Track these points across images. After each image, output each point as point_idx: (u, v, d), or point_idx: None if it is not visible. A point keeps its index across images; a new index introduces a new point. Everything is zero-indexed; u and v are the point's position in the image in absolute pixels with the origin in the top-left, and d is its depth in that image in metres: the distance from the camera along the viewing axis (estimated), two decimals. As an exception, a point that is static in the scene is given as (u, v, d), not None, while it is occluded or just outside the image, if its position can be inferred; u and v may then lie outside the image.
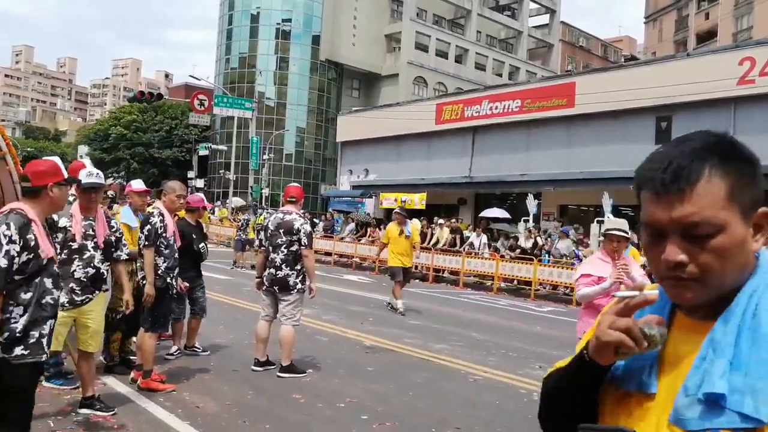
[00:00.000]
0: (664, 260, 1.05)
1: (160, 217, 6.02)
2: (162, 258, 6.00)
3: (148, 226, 5.96)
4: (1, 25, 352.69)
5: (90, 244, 5.02)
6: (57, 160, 4.18)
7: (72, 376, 5.91)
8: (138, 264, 6.22)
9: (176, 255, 6.20)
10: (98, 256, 5.07)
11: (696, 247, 1.04)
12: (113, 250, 5.23)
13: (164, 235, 6.00)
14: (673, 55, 28.55)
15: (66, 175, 4.01)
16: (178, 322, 7.30)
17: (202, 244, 7.54)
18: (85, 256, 5.00)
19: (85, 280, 5.00)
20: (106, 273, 5.19)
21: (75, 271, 4.95)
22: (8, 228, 3.45)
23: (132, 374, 6.26)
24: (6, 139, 5.37)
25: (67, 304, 4.85)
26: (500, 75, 56.71)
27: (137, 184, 7.18)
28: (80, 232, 4.96)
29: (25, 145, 64.33)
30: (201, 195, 8.15)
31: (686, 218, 1.03)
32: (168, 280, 6.05)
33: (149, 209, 6.30)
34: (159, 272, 5.98)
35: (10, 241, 3.43)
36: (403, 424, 5.45)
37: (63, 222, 4.95)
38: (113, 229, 5.30)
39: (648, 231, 1.10)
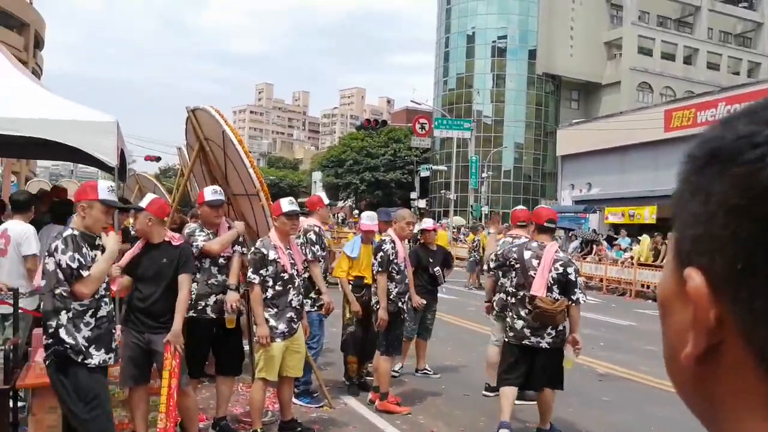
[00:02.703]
0: None
1: (392, 244, 6.29)
2: (393, 284, 6.25)
3: (381, 253, 6.24)
4: (245, 65, 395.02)
5: (295, 272, 5.31)
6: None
7: (317, 395, 6.36)
8: (372, 289, 6.53)
9: (407, 280, 6.45)
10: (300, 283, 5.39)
11: None
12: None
13: (395, 261, 6.26)
14: None
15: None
16: (408, 341, 7.53)
17: (437, 268, 7.68)
18: (296, 285, 5.31)
19: (299, 307, 5.35)
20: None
21: (291, 300, 5.26)
22: None
23: (370, 395, 6.57)
24: (260, 177, 5.99)
25: (286, 333, 5.18)
26: (737, 74, 51.62)
27: (369, 220, 7.24)
28: (288, 262, 5.24)
29: (269, 174, 71.00)
30: (431, 220, 8.35)
31: None
32: (399, 304, 6.29)
33: (383, 236, 6.58)
34: (391, 297, 6.24)
35: None
36: (648, 462, 5.10)
37: (272, 255, 5.19)
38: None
39: None
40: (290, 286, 5.25)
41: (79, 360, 3.62)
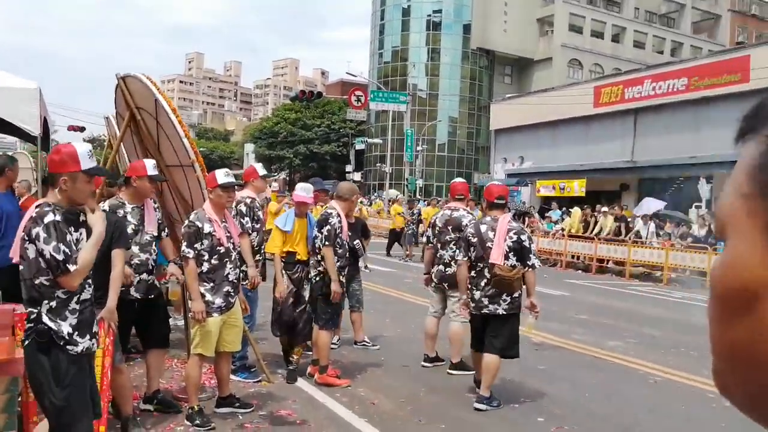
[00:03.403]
0: None
1: (338, 218, 6.20)
2: (336, 258, 6.18)
3: (328, 227, 6.13)
4: (176, 36, 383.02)
5: (231, 245, 5.17)
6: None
7: (254, 369, 6.27)
8: (312, 262, 6.41)
9: (347, 255, 6.39)
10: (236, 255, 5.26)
11: None
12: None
13: (340, 235, 6.18)
14: None
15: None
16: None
17: (357, 241, 7.59)
18: (232, 258, 5.18)
19: (236, 281, 5.23)
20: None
21: (228, 274, 5.11)
22: None
23: (309, 369, 6.52)
24: (194, 148, 5.79)
25: (223, 307, 5.05)
26: (661, 52, 53.28)
27: (303, 191, 6.77)
28: (224, 235, 5.08)
29: (199, 145, 69.26)
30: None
31: None
32: (341, 279, 6.23)
33: (327, 209, 6.44)
34: None
35: None
36: (583, 428, 5.25)
37: (206, 228, 5.01)
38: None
39: None
40: (227, 259, 5.10)
41: (62, 344, 3.39)
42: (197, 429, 4.86)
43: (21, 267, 3.41)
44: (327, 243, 6.10)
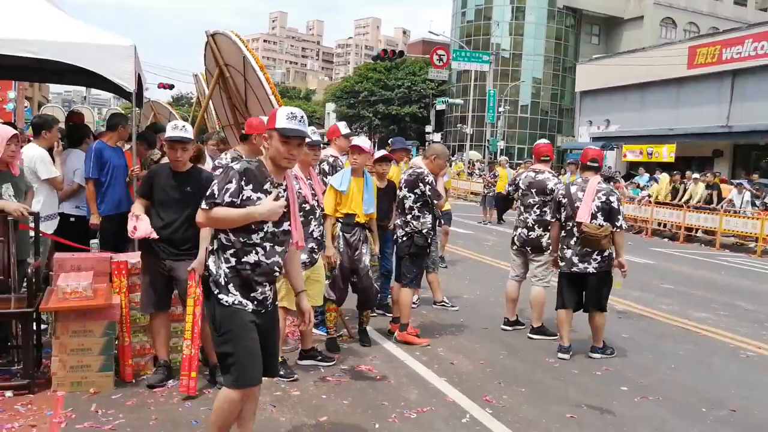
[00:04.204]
0: None
1: (431, 176, 6.17)
2: (431, 217, 6.18)
3: (427, 186, 6.12)
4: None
5: (316, 203, 5.20)
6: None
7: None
8: (400, 222, 6.37)
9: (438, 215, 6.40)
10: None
11: None
12: None
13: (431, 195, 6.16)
14: None
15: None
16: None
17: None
18: (317, 215, 5.22)
19: (320, 238, 5.28)
20: None
21: (313, 231, 5.16)
22: None
23: (389, 327, 6.58)
24: (281, 105, 5.83)
25: (308, 263, 5.10)
26: (765, 10, 50.01)
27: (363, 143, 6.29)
28: (309, 192, 5.08)
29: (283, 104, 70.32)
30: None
31: None
32: (429, 239, 6.22)
33: (415, 168, 6.37)
34: (425, 231, 6.16)
35: None
36: (669, 399, 5.09)
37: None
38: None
39: None
40: (311, 216, 5.16)
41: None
42: (280, 379, 4.99)
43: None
44: (436, 200, 6.18)
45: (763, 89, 26.13)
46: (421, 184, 6.13)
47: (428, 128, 50.73)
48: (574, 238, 5.92)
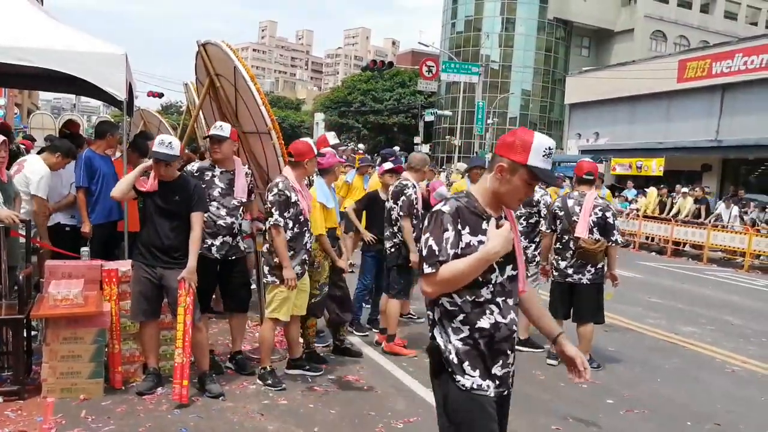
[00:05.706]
0: None
1: (414, 189, 6.21)
2: (413, 229, 6.20)
3: (404, 198, 6.17)
4: (248, 2, 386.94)
5: (308, 215, 5.24)
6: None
7: (323, 334, 6.37)
8: (388, 234, 6.40)
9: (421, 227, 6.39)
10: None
11: None
12: None
13: (417, 206, 6.20)
14: None
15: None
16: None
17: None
18: (309, 226, 5.23)
19: (309, 249, 5.29)
20: None
21: (306, 242, 5.19)
22: None
23: (376, 337, 6.59)
24: (271, 116, 5.85)
25: (299, 274, 5.11)
26: (755, 24, 50.53)
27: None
28: (306, 205, 5.14)
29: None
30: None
31: None
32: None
33: (401, 181, 6.42)
34: None
35: None
36: (655, 413, 5.13)
37: (293, 197, 5.01)
38: None
39: None
40: (305, 228, 5.18)
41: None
42: (269, 388, 5.01)
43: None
44: (404, 214, 6.15)
45: (753, 104, 26.35)
46: (402, 196, 6.18)
47: (417, 139, 50.91)
48: (570, 251, 6.07)
